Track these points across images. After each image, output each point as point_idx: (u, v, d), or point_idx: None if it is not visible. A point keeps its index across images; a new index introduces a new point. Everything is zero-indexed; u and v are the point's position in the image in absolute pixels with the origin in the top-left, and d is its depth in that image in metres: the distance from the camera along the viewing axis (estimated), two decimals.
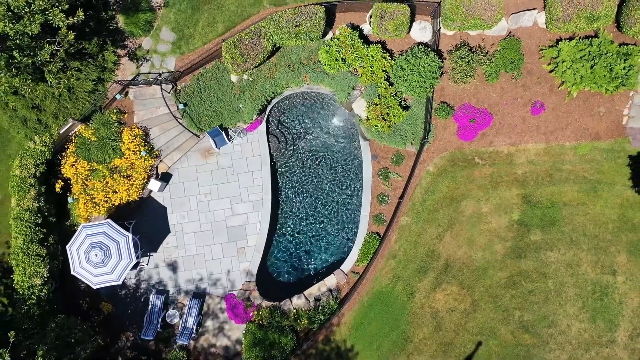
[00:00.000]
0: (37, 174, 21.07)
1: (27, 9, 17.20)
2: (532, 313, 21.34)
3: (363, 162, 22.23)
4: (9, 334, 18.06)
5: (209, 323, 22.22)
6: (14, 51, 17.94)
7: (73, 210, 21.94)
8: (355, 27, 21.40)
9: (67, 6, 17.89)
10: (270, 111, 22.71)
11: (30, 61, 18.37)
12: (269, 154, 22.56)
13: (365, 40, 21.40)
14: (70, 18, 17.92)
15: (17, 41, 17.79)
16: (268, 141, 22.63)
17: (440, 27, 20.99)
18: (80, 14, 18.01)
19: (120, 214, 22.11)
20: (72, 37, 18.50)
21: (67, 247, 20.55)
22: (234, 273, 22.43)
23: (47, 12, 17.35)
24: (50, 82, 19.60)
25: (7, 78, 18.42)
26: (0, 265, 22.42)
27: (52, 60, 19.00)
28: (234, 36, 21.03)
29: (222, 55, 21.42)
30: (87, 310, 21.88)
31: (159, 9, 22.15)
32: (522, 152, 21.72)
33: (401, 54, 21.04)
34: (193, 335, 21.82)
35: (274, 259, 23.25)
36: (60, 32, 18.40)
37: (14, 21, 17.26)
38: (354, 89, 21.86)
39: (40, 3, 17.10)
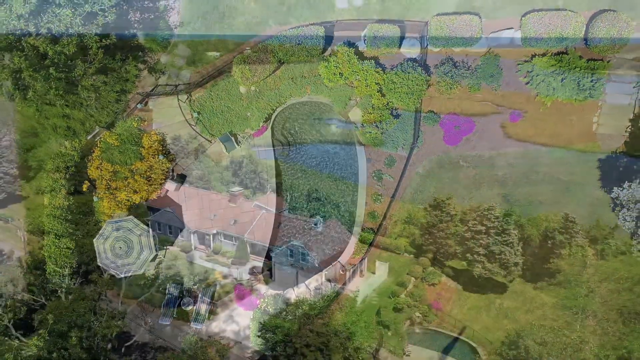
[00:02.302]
0: (67, 175, 23.30)
1: (65, 31, 19.34)
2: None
3: (358, 164, 24.30)
4: (47, 317, 20.31)
5: (220, 310, 24.36)
6: (51, 68, 20.17)
7: (98, 208, 24.14)
8: (351, 45, 23.34)
9: (100, 29, 20.04)
10: (275, 118, 24.80)
11: (64, 76, 20.53)
12: (274, 156, 24.71)
13: (361, 56, 23.34)
14: (103, 40, 20.08)
15: (55, 59, 19.95)
16: (273, 145, 24.79)
17: (427, 45, 22.94)
18: (113, 37, 20.12)
19: (141, 211, 24.33)
20: (102, 55, 20.67)
21: (94, 240, 22.81)
22: (242, 265, 24.53)
23: (82, 36, 19.40)
24: (84, 96, 21.63)
25: (45, 88, 20.53)
26: (30, 257, 24.60)
27: (84, 75, 21.11)
28: (243, 52, 23.12)
29: (232, 69, 23.56)
30: (110, 298, 24.03)
31: (175, 28, 24.30)
32: (502, 156, 23.61)
33: (392, 69, 23.09)
34: (206, 321, 23.97)
35: (279, 252, 25.27)
36: (91, 50, 20.57)
37: (52, 42, 19.44)
38: (350, 99, 23.90)
39: (80, 29, 19.16)
